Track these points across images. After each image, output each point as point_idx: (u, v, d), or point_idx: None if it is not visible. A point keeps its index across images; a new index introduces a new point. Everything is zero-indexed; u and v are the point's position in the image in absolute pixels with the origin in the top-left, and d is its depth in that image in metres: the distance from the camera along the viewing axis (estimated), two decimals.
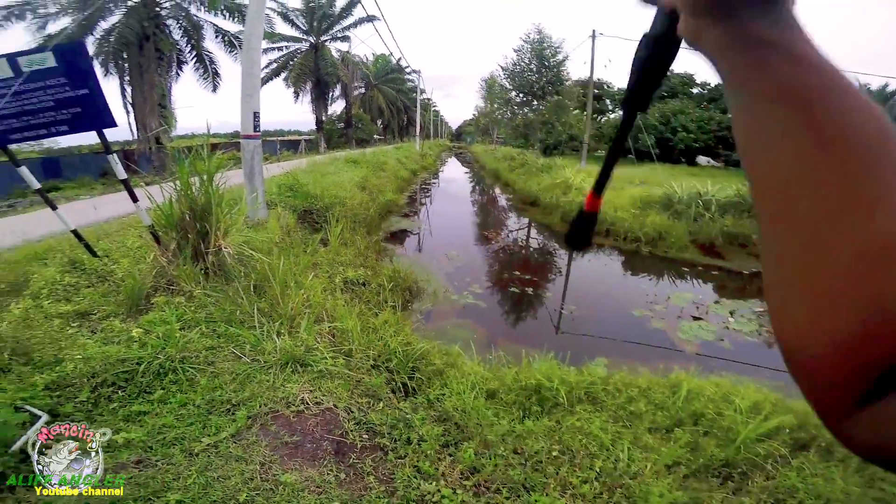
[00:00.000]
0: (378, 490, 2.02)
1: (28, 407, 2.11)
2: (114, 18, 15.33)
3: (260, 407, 2.31)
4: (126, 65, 15.87)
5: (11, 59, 3.14)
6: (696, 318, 5.96)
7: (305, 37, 26.83)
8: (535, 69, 22.90)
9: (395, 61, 38.40)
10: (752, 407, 2.99)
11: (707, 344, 5.29)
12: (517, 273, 7.54)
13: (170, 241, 3.52)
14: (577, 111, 24.74)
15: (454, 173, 29.25)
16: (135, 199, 3.51)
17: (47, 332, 2.81)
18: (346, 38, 27.97)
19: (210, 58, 17.78)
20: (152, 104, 15.91)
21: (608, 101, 38.87)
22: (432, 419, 2.65)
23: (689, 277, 8.06)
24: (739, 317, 6.08)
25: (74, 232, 3.82)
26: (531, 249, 9.90)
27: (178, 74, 17.70)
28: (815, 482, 2.33)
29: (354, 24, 27.17)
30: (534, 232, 11.49)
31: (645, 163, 21.73)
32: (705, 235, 10.06)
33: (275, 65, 26.98)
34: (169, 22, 16.32)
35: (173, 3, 16.24)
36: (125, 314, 3.11)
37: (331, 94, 30.75)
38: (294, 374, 2.64)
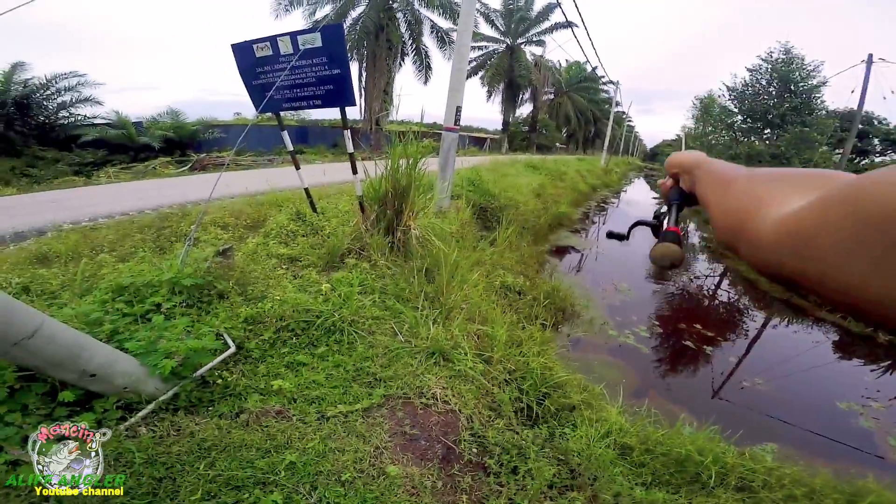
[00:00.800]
0: None
1: (226, 336, 2.42)
2: (360, 8, 17.91)
3: (397, 389, 2.35)
4: (364, 52, 18.44)
5: (293, 36, 3.63)
6: None
7: (503, 38, 27.64)
8: (774, 93, 18.94)
9: (590, 69, 36.80)
10: None
11: None
12: (697, 326, 6.41)
13: (371, 213, 3.96)
14: (825, 147, 19.69)
15: (639, 196, 26.75)
16: (355, 171, 4.04)
17: (264, 268, 3.35)
18: (541, 43, 27.90)
19: (426, 51, 19.57)
20: (379, 90, 18.45)
21: (876, 141, 29.82)
22: (547, 456, 2.40)
23: None
24: None
25: (306, 190, 4.64)
26: (718, 301, 8.34)
27: (401, 65, 19.97)
28: None
29: (551, 29, 26.84)
30: (727, 282, 9.66)
31: None
32: None
33: (474, 63, 28.53)
34: (398, 15, 18.40)
35: None
36: (322, 267, 3.58)
37: (520, 97, 31.19)
38: (436, 365, 2.66)
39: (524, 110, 34.94)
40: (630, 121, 71.34)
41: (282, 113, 4.41)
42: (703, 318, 7.06)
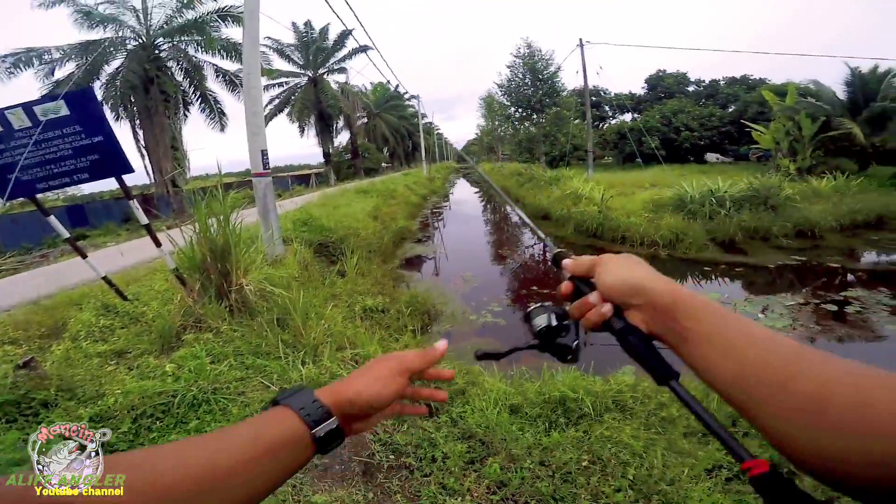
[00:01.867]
0: None
1: None
2: (117, 62, 15.75)
3: None
4: (135, 108, 16.23)
5: (27, 108, 3.18)
6: None
7: (303, 71, 27.62)
8: (529, 83, 23.17)
9: (393, 88, 39.35)
10: None
11: None
12: (535, 288, 7.48)
13: (194, 283, 3.61)
14: (577, 120, 24.88)
15: (464, 194, 29.45)
16: (158, 244, 3.61)
17: (88, 369, 3.00)
18: (343, 70, 28.76)
19: (214, 98, 18.23)
20: (164, 147, 16.31)
21: (607, 108, 39.15)
22: (456, 437, 2.65)
23: (713, 277, 7.88)
24: (771, 312, 5.90)
25: (105, 279, 3.94)
26: (549, 263, 9.82)
27: (186, 116, 18.14)
28: None
29: (349, 56, 27.86)
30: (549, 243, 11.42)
31: (652, 165, 21.65)
32: (723, 232, 9.88)
33: (277, 101, 27.76)
34: (170, 64, 16.73)
35: (171, 44, 16.70)
36: (158, 351, 3.28)
37: (335, 126, 31.51)
38: None
39: (343, 138, 35.31)
40: (438, 129, 78.16)
41: (39, 195, 3.66)
42: (539, 281, 8.26)
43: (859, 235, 10.66)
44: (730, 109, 32.13)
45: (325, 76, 28.21)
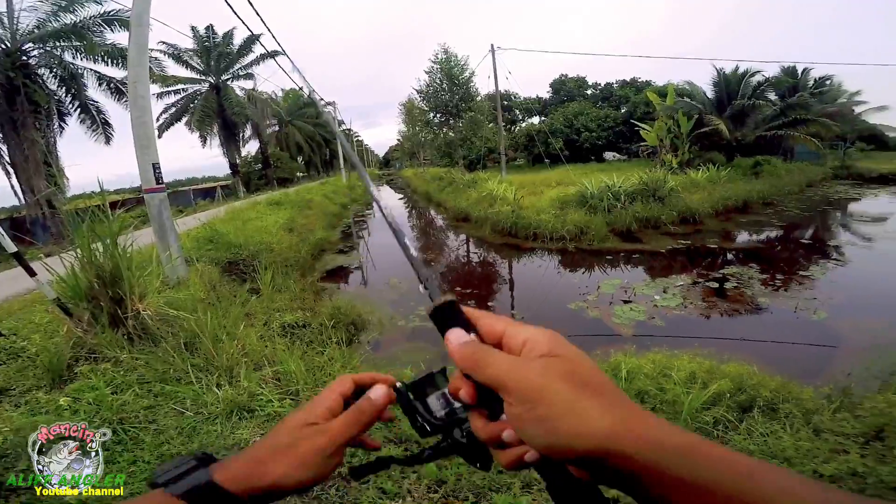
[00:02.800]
0: None
1: None
2: None
3: (212, 454, 2.25)
4: None
5: None
6: (626, 302, 6.44)
7: (204, 77, 25.69)
8: (447, 88, 23.76)
9: (307, 95, 37.95)
10: (689, 377, 3.25)
11: (640, 324, 5.72)
12: (459, 288, 7.70)
13: (82, 312, 3.25)
14: (491, 124, 26.00)
15: (388, 201, 29.21)
16: (31, 273, 3.17)
17: None
18: (249, 76, 27.13)
19: (97, 107, 16.39)
20: (36, 163, 14.20)
21: (517, 111, 41.45)
22: (391, 441, 2.69)
23: (614, 264, 8.71)
24: (664, 294, 6.67)
25: None
26: (472, 263, 10.14)
27: (62, 128, 16.07)
28: (766, 442, 2.53)
29: (257, 62, 26.45)
30: (472, 246, 11.80)
31: (558, 165, 23.30)
32: (621, 223, 10.99)
33: (174, 109, 25.47)
34: (42, 72, 14.80)
35: (42, 50, 14.81)
36: (48, 386, 2.97)
37: (242, 135, 29.58)
38: (242, 420, 2.66)
39: (251, 148, 33.21)
40: (358, 135, 76.76)
41: None
42: (466, 278, 8.53)
43: (731, 219, 12.47)
44: (622, 110, 35.67)
45: (229, 82, 26.43)
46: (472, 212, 14.25)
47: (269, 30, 11.38)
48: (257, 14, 8.72)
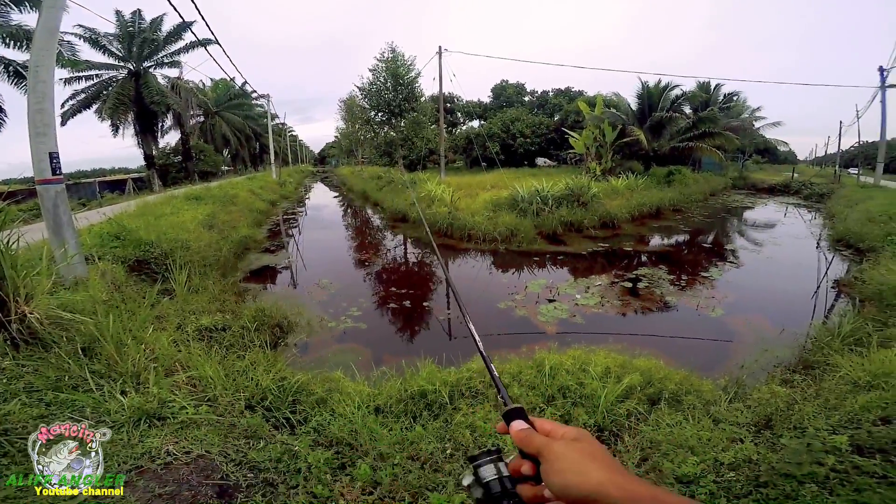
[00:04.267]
0: None
1: None
2: None
3: (118, 465, 2.14)
4: None
5: None
6: (550, 301, 6.81)
7: (123, 63, 23.31)
8: (391, 87, 23.50)
9: (238, 86, 35.69)
10: (605, 372, 3.47)
11: (563, 321, 6.07)
12: (394, 289, 7.68)
13: None
14: (433, 126, 26.16)
15: (322, 199, 28.35)
16: None
17: None
18: (175, 64, 25.08)
19: None
20: None
21: (459, 114, 42.15)
22: (320, 445, 2.65)
23: (541, 265, 9.18)
24: (585, 293, 7.14)
25: None
26: (409, 264, 10.15)
27: None
28: (672, 432, 2.72)
29: (186, 49, 24.54)
30: (409, 247, 11.81)
31: (493, 169, 24.03)
32: (548, 227, 11.60)
33: (83, 95, 22.84)
34: None
35: None
36: None
37: (161, 125, 27.20)
38: (151, 428, 2.51)
39: (172, 139, 30.51)
40: (292, 130, 73.39)
41: None
42: (401, 280, 8.51)
43: (645, 224, 13.63)
44: (556, 118, 37.56)
45: (151, 70, 24.14)
46: (409, 212, 14.27)
47: (202, 17, 10.59)
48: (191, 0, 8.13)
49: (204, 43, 18.13)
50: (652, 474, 2.44)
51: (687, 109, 22.85)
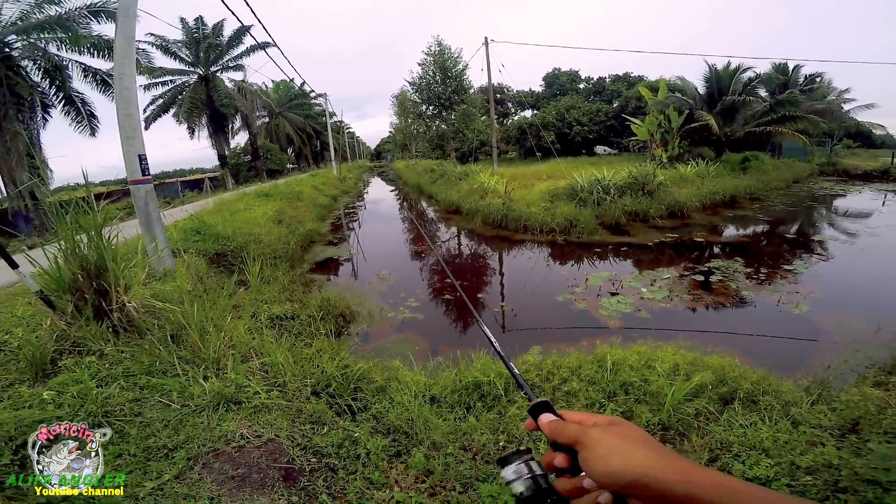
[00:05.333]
0: None
1: None
2: None
3: (199, 447, 2.32)
4: None
5: None
6: (613, 294, 6.51)
7: (192, 69, 25.32)
8: (440, 80, 23.61)
9: (297, 86, 37.53)
10: (673, 369, 3.29)
11: (627, 316, 5.79)
12: (449, 281, 7.72)
13: (65, 305, 3.21)
14: (484, 117, 25.95)
15: (379, 193, 29.15)
16: (13, 265, 3.13)
17: None
18: (239, 68, 26.85)
19: (82, 99, 16.20)
20: (18, 155, 13.97)
21: (510, 104, 41.41)
22: (378, 433, 2.72)
23: (602, 257, 8.80)
24: (651, 286, 6.76)
25: None
26: (463, 255, 10.18)
27: (46, 120, 15.82)
28: (746, 433, 2.56)
29: (247, 53, 26.19)
30: (463, 238, 11.84)
31: (549, 158, 23.36)
32: (610, 217, 11.08)
33: (161, 101, 25.10)
34: (25, 63, 14.57)
35: (26, 42, 14.54)
36: (31, 380, 2.91)
37: (231, 127, 29.24)
38: (228, 412, 2.66)
39: (241, 139, 32.83)
40: (349, 127, 76.08)
41: None
42: (456, 272, 8.55)
43: (718, 213, 12.64)
44: (614, 105, 35.75)
45: (218, 74, 26.05)
46: (463, 204, 14.27)
47: (259, 21, 11.28)
48: (248, 5, 8.61)
49: (263, 45, 19.24)
50: None
51: (762, 92, 20.83)
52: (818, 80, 23.16)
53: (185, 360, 3.15)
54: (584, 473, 0.48)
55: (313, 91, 39.20)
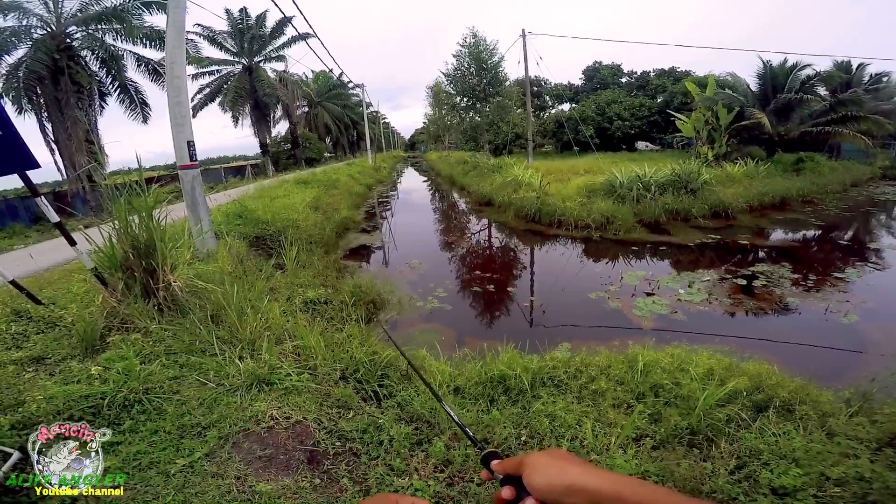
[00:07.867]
0: (352, 491, 2.11)
1: None
2: (20, 52, 14.41)
3: (230, 427, 2.38)
4: (42, 100, 14.90)
5: None
6: (649, 294, 6.30)
7: (237, 59, 26.18)
8: (475, 72, 23.39)
9: (336, 77, 38.14)
10: (707, 374, 3.17)
11: (661, 317, 5.60)
12: (478, 273, 7.71)
13: (117, 282, 3.41)
14: (519, 110, 25.53)
15: (412, 183, 29.35)
16: (72, 243, 3.35)
17: (2, 378, 2.77)
18: (281, 58, 27.54)
19: (135, 88, 17.08)
20: (78, 141, 14.96)
21: (547, 98, 40.44)
22: (402, 420, 2.74)
23: (639, 256, 8.52)
24: (689, 288, 6.49)
25: (13, 282, 3.60)
26: (493, 248, 10.12)
27: (102, 107, 16.81)
28: (777, 442, 2.46)
29: (288, 44, 26.78)
30: (494, 231, 11.75)
31: (587, 153, 22.74)
32: (649, 214, 10.68)
33: (208, 90, 26.12)
34: (84, 53, 15.50)
35: (86, 33, 15.44)
36: (82, 355, 3.08)
37: (272, 116, 30.10)
38: (260, 393, 2.73)
39: (281, 128, 33.75)
40: (384, 118, 76.78)
41: None
42: (485, 264, 8.51)
43: (766, 215, 11.94)
44: (658, 100, 34.27)
45: (261, 64, 26.84)
46: (495, 196, 14.14)
47: (300, 12, 11.47)
48: None
49: (304, 36, 19.61)
50: (745, 483, 2.23)
51: (822, 91, 19.43)
52: (885, 79, 21.36)
53: (222, 340, 3.25)
54: (528, 497, 0.54)
55: (351, 81, 39.79)
